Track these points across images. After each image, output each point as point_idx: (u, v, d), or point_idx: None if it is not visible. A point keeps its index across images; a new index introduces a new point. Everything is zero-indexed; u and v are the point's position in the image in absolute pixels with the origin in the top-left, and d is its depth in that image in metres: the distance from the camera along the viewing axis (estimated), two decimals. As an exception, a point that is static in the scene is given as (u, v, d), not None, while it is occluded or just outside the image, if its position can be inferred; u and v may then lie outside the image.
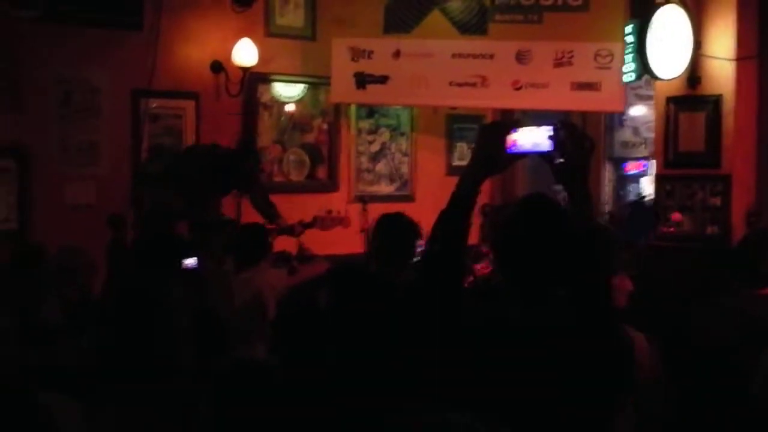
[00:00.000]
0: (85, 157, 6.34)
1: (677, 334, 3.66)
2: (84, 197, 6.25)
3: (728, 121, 7.08)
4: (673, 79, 7.24)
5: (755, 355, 3.21)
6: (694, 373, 3.46)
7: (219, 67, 6.84)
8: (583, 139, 2.51)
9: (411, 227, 4.08)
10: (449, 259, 2.50)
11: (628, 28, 7.13)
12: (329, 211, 6.24)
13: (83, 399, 2.78)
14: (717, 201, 7.13)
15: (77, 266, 4.43)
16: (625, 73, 7.24)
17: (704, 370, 3.46)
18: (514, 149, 2.52)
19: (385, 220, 4.16)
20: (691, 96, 7.26)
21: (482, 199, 6.62)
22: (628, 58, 7.25)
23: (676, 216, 7.22)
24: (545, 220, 2.46)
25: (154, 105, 6.60)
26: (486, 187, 2.71)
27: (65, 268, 4.41)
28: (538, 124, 2.52)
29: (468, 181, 2.52)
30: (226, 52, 6.81)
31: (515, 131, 2.53)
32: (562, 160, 2.47)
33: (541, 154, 2.50)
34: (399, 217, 4.21)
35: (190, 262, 4.54)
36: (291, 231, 6.14)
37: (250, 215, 6.16)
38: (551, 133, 2.48)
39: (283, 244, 5.89)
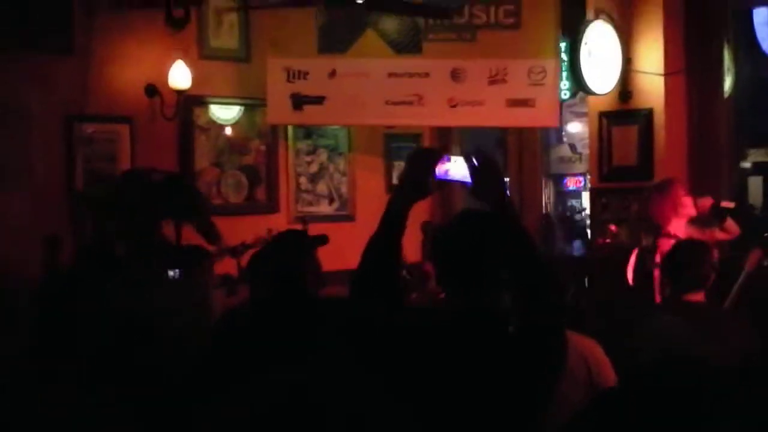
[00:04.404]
0: (17, 182, 6.26)
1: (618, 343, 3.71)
2: (15, 220, 6.15)
3: (659, 134, 7.24)
4: (605, 94, 7.38)
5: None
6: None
7: (153, 90, 6.79)
8: (496, 171, 2.57)
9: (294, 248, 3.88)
10: (381, 282, 2.53)
11: (562, 46, 7.26)
12: (270, 231, 6.22)
13: None
14: (651, 213, 7.24)
15: None
16: (561, 90, 7.38)
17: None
18: (445, 177, 2.56)
19: (273, 238, 4.03)
20: (623, 110, 7.41)
21: (422, 216, 6.68)
22: (563, 76, 7.39)
23: (613, 228, 7.34)
24: (483, 231, 2.51)
25: (89, 130, 6.55)
26: (426, 204, 2.75)
27: None
28: (467, 155, 2.56)
29: (396, 206, 2.56)
30: (160, 75, 6.76)
31: (447, 160, 2.57)
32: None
33: (466, 185, 2.55)
34: (286, 234, 4.12)
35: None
36: (233, 252, 6.12)
37: (190, 236, 6.12)
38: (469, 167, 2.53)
39: (225, 267, 5.88)
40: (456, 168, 2.55)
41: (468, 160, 2.52)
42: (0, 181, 6.19)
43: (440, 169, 2.56)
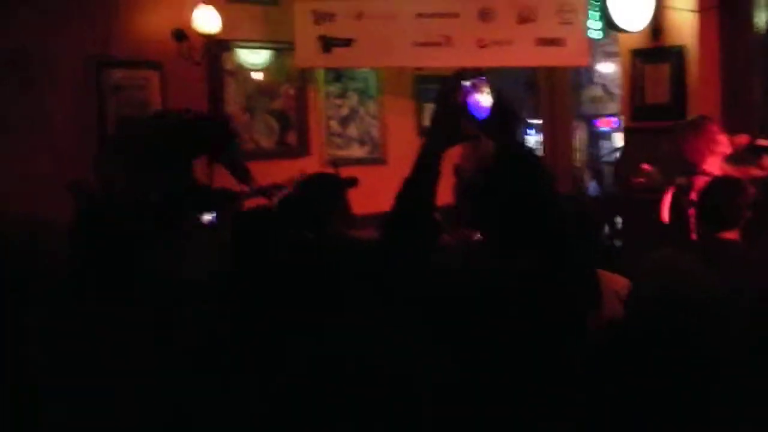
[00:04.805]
0: (46, 133, 6.28)
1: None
2: (42, 170, 6.17)
3: (692, 71, 7.14)
4: (637, 32, 7.28)
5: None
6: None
7: (181, 35, 6.79)
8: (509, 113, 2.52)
9: (324, 188, 3.89)
10: (414, 227, 2.51)
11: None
12: (303, 172, 6.22)
13: None
14: (684, 151, 7.17)
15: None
16: (592, 29, 7.29)
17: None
18: (477, 112, 2.49)
19: (303, 181, 4.03)
20: (654, 48, 7.30)
21: (455, 158, 6.66)
22: (594, 15, 7.30)
23: (646, 167, 7.27)
24: (524, 172, 2.48)
25: (117, 76, 6.56)
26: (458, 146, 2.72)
27: None
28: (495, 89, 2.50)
29: (430, 151, 2.50)
30: (187, 20, 6.76)
31: (481, 81, 2.49)
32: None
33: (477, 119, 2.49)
34: (316, 177, 4.11)
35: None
36: (264, 192, 6.13)
37: (223, 177, 6.14)
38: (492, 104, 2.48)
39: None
40: (485, 99, 2.48)
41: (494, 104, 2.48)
42: (29, 133, 6.22)
43: (472, 99, 2.48)
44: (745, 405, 2.29)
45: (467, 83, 2.49)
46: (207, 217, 4.72)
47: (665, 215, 5.64)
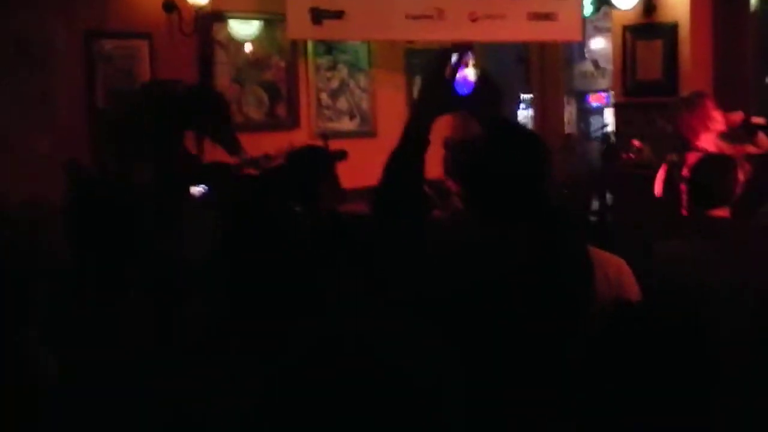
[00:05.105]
0: (38, 103, 6.23)
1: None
2: (38, 146, 6.13)
3: (684, 48, 7.12)
4: (629, 9, 7.26)
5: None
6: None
7: (171, 6, 6.72)
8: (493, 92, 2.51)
9: (310, 161, 3.88)
10: (404, 199, 2.49)
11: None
12: (291, 143, 6.18)
13: None
14: (676, 128, 7.16)
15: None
16: (584, 4, 7.27)
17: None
18: (461, 86, 2.48)
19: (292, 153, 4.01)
20: (647, 24, 7.28)
21: (444, 131, 6.68)
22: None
23: (637, 142, 7.26)
24: (520, 148, 2.46)
25: (107, 46, 6.51)
26: (448, 118, 2.70)
27: None
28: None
29: (417, 121, 2.48)
30: (178, -10, 6.72)
31: (467, 56, 2.48)
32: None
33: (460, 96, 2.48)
34: (304, 149, 4.08)
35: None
36: (256, 164, 6.08)
37: (214, 150, 6.10)
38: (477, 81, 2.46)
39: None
40: (472, 74, 2.48)
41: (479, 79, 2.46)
42: (26, 109, 6.16)
43: (459, 76, 2.48)
44: (748, 394, 2.28)
45: (455, 57, 2.47)
46: (197, 189, 4.68)
47: (658, 189, 5.63)
